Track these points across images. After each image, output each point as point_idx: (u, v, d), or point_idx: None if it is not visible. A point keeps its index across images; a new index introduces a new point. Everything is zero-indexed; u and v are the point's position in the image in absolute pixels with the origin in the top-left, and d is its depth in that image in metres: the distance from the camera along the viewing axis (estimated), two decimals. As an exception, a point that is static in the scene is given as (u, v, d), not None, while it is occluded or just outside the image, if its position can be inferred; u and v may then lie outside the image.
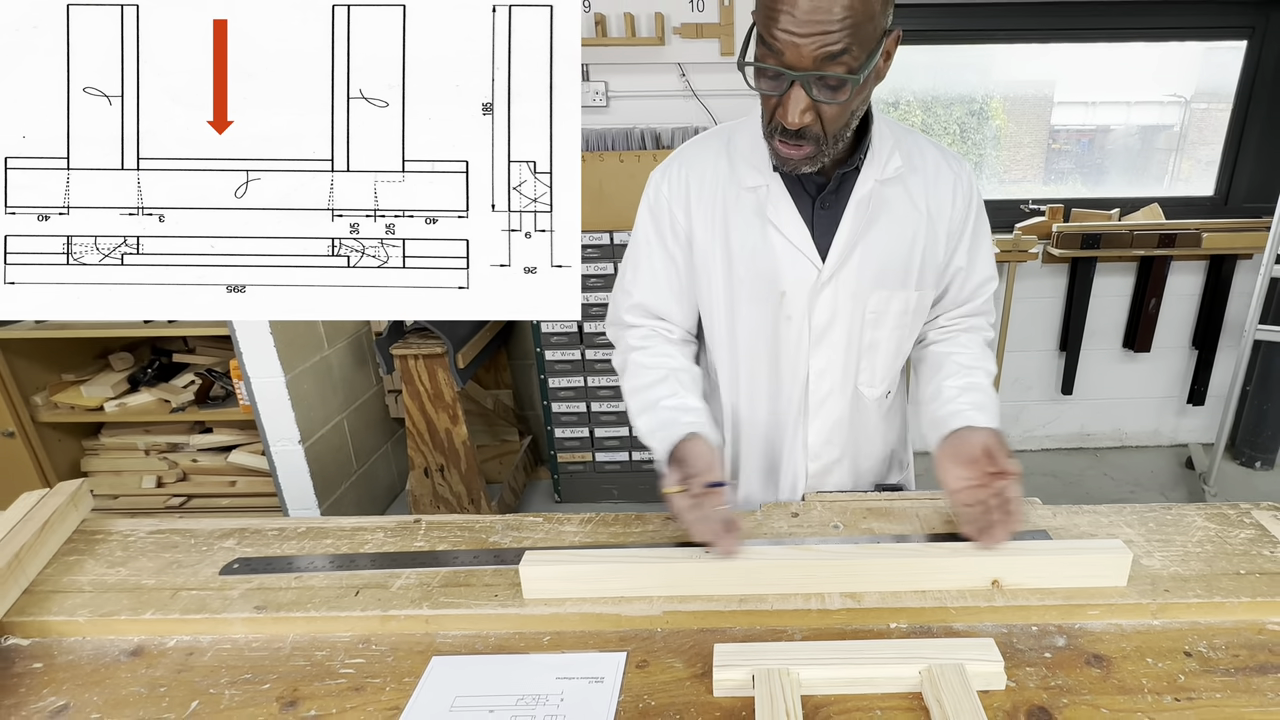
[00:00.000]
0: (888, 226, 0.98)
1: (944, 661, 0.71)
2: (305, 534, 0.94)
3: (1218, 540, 0.90)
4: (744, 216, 0.98)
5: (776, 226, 0.97)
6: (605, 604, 0.80)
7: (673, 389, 0.99)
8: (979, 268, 1.08)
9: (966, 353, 1.07)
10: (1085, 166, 3.07)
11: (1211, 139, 2.94)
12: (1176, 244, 2.66)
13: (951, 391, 1.01)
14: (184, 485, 2.42)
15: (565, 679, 0.74)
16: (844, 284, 0.99)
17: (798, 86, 0.80)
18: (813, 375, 1.05)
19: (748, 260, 0.99)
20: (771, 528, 0.94)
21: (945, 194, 1.02)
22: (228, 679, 0.74)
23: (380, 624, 0.79)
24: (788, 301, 1.00)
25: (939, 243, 1.02)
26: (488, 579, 0.84)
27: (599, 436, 2.64)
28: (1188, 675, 0.72)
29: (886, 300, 1.01)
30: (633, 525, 0.95)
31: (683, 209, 1.00)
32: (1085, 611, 0.79)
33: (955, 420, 0.95)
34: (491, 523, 0.96)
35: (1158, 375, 2.96)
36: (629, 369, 1.06)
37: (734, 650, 0.73)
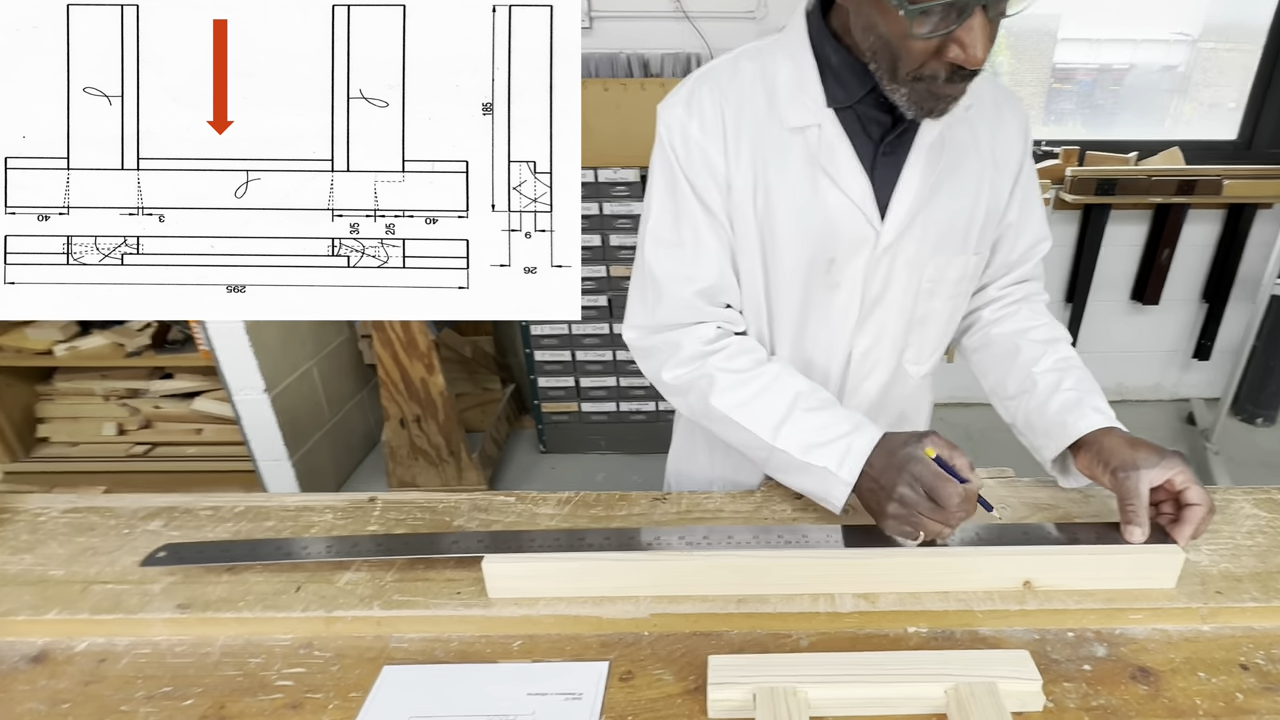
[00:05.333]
0: (955, 179, 0.82)
1: (973, 679, 0.61)
2: (243, 514, 0.83)
3: (1270, 531, 0.80)
4: (789, 165, 0.79)
5: (832, 178, 0.79)
6: (584, 604, 0.70)
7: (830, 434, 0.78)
8: (1030, 224, 0.92)
9: (1037, 325, 0.92)
10: (1088, 107, 2.91)
11: (1217, 80, 2.77)
12: (1196, 190, 2.52)
13: (1049, 380, 0.85)
14: (148, 433, 2.30)
15: (538, 695, 0.64)
16: (904, 249, 0.83)
17: (979, 13, 0.64)
18: (856, 353, 0.89)
19: (792, 220, 0.80)
20: (772, 511, 0.84)
21: (1012, 137, 0.86)
22: (144, 692, 0.63)
23: (325, 626, 0.69)
24: (837, 269, 0.83)
25: (1002, 197, 0.87)
26: (450, 572, 0.74)
27: (585, 386, 2.52)
28: (1246, 694, 0.63)
29: (945, 266, 0.86)
30: (617, 507, 0.84)
31: (720, 151, 0.79)
32: (1127, 616, 0.70)
33: (1079, 421, 0.80)
34: (457, 503, 0.84)
35: (1164, 329, 2.87)
36: (742, 406, 0.81)
37: (732, 664, 0.63)
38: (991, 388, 0.94)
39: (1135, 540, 0.72)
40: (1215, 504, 0.74)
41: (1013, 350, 0.90)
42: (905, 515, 0.70)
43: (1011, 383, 0.89)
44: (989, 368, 0.94)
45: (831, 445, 0.76)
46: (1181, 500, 0.73)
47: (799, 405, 0.80)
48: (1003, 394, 0.91)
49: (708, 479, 1.00)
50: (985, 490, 0.87)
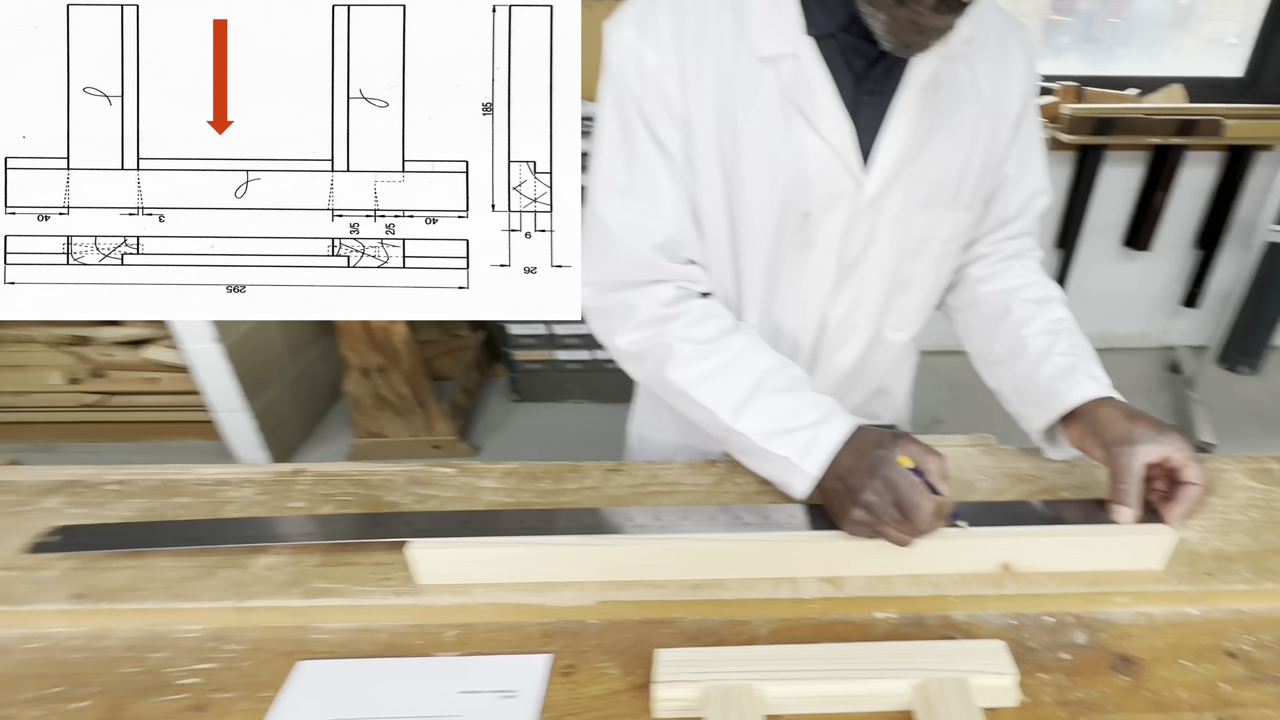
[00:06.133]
0: (950, 125, 0.72)
1: (943, 674, 0.56)
2: (154, 489, 0.75)
3: (1264, 505, 0.75)
4: (759, 102, 0.69)
5: (808, 119, 0.69)
6: (525, 591, 0.64)
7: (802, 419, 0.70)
8: (1030, 175, 0.82)
9: (1029, 283, 0.84)
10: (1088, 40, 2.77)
11: (1219, 14, 2.63)
12: (1196, 131, 2.41)
13: (1040, 344, 0.77)
14: (101, 383, 2.20)
15: (469, 693, 0.58)
16: (889, 203, 0.74)
17: None
18: (831, 319, 0.81)
19: (761, 167, 0.70)
20: (735, 485, 0.77)
21: (1016, 77, 0.76)
22: (32, 693, 0.57)
23: (237, 616, 0.63)
24: (812, 225, 0.74)
25: (1001, 146, 0.77)
26: (380, 555, 0.67)
27: (558, 334, 2.44)
28: (1233, 684, 0.59)
29: (933, 223, 0.77)
30: (567, 479, 0.78)
31: (678, 83, 0.68)
32: (1111, 599, 0.65)
33: (1073, 390, 0.73)
34: (391, 476, 0.77)
35: (1155, 275, 2.81)
36: (698, 383, 0.73)
37: (680, 659, 0.58)
38: (977, 350, 0.87)
39: (1123, 521, 0.66)
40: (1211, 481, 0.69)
41: (1001, 310, 0.82)
42: (869, 523, 0.63)
43: (999, 345, 0.82)
44: (975, 329, 0.86)
45: (796, 434, 0.69)
46: (1177, 478, 0.68)
47: (764, 385, 0.72)
48: (989, 357, 0.84)
49: (673, 446, 0.93)
50: (965, 460, 0.81)
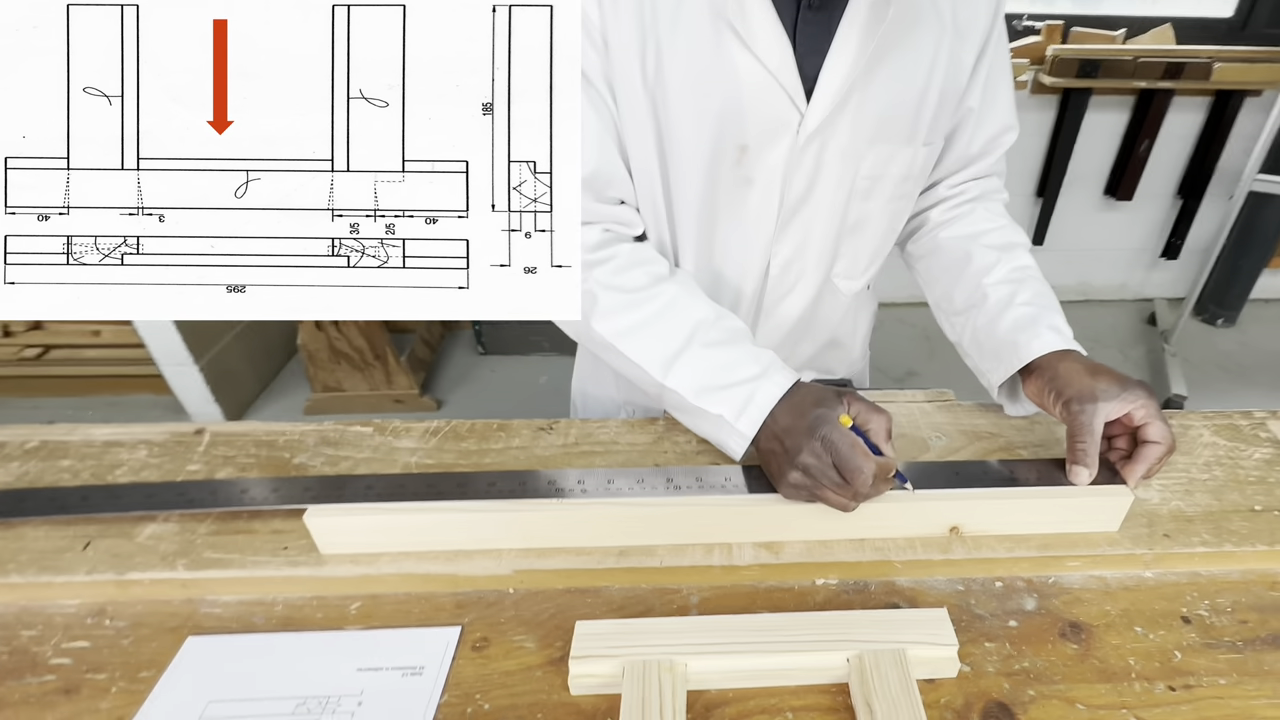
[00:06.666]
0: (904, 47, 0.65)
1: (879, 646, 0.52)
2: (35, 452, 0.69)
3: (1228, 463, 0.72)
4: (685, 17, 0.62)
5: (742, 38, 0.61)
6: (436, 560, 0.59)
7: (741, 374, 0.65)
8: (997, 110, 0.75)
9: (992, 228, 0.78)
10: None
11: None
12: (1183, 75, 2.34)
13: (1001, 293, 0.72)
14: (39, 334, 2.10)
15: (369, 670, 0.54)
16: (835, 136, 0.67)
17: None
18: (775, 265, 0.75)
19: (690, 92, 0.64)
20: (675, 444, 0.72)
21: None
22: (-116, 676, 0.52)
23: (118, 589, 0.57)
24: (750, 159, 0.67)
25: (963, 74, 0.70)
26: (278, 523, 0.61)
27: (525, 284, 2.36)
28: (1185, 652, 0.56)
29: (886, 160, 0.70)
30: (493, 439, 0.72)
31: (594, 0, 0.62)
32: (1064, 563, 0.61)
33: (1033, 342, 0.68)
34: (302, 435, 0.71)
35: (1135, 226, 2.76)
36: (626, 333, 0.68)
37: (599, 632, 0.53)
38: (937, 300, 0.81)
39: (1080, 482, 0.62)
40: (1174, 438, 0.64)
41: (963, 258, 0.77)
42: (807, 486, 0.58)
43: (959, 295, 0.76)
44: (936, 277, 0.80)
45: (731, 390, 0.63)
46: (1140, 437, 0.63)
47: (697, 338, 0.66)
48: (949, 308, 0.78)
49: (615, 402, 0.88)
50: (921, 417, 0.76)
